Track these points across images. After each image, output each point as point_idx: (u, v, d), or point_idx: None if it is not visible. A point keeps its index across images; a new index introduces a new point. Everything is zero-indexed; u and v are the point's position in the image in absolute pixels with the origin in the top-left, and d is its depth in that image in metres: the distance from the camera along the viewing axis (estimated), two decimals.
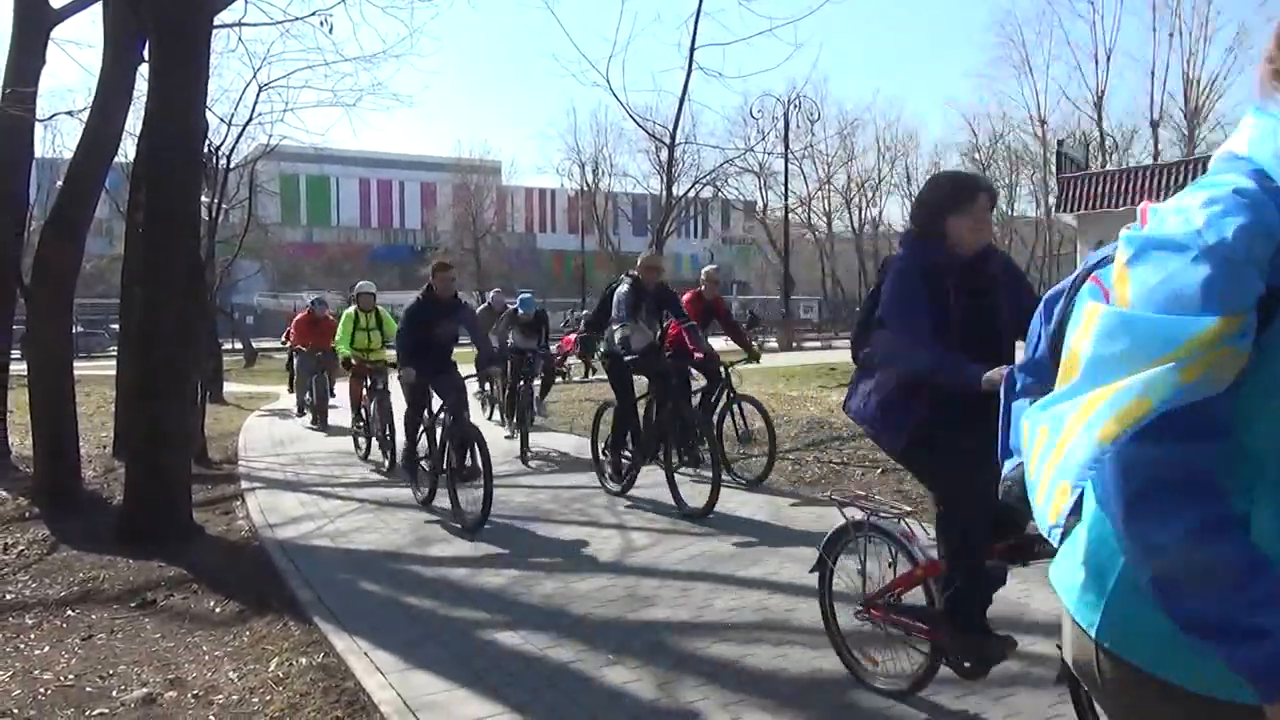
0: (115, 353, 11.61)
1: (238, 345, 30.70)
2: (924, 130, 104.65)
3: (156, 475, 6.26)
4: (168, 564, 5.60)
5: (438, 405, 6.83)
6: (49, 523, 6.76)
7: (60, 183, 8.45)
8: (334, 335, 11.30)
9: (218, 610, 4.78)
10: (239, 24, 10.72)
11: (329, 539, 6.09)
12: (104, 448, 9.80)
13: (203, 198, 10.31)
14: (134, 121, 9.72)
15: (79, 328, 24.85)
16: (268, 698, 3.60)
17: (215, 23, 7.53)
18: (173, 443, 6.33)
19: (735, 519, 6.12)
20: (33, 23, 8.35)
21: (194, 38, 6.31)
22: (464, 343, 7.24)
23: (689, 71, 9.77)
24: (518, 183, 66.58)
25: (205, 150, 9.30)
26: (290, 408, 14.68)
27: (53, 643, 4.42)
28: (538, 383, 10.46)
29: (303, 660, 3.93)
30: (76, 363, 8.70)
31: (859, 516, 3.27)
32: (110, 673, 3.98)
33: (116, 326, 14.19)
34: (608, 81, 9.86)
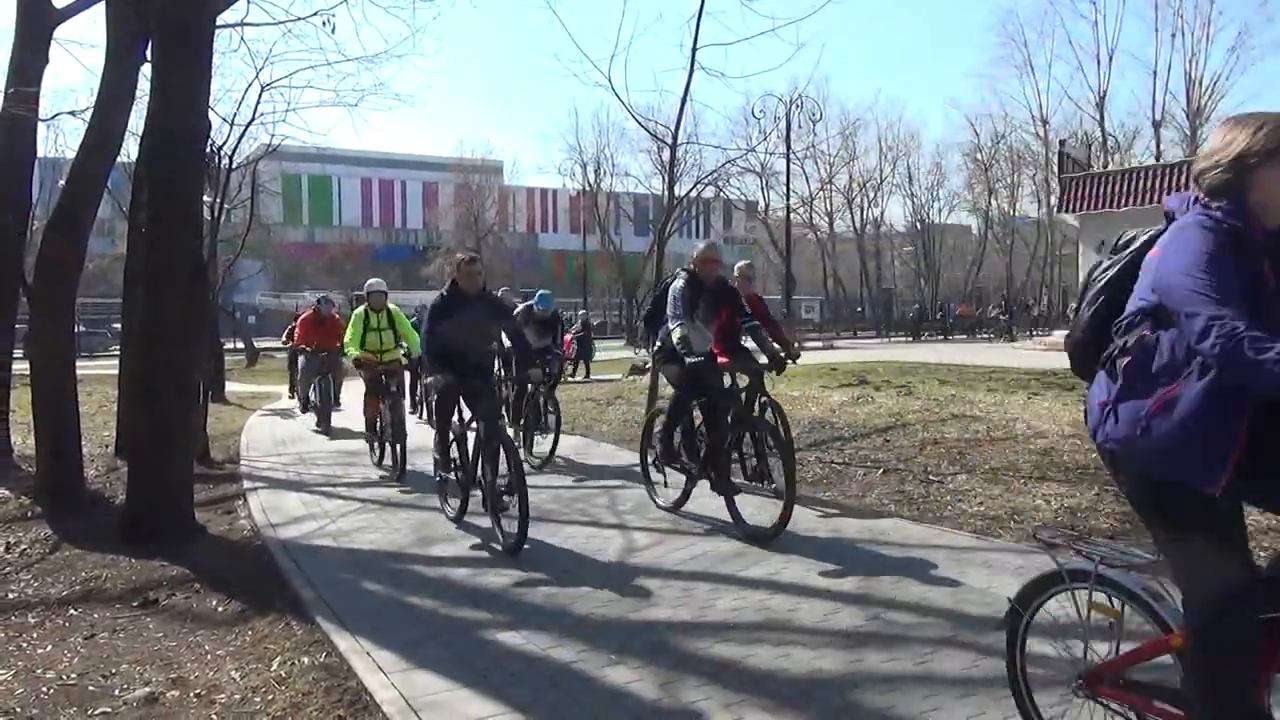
0: (117, 352, 11.62)
1: (239, 345, 30.77)
2: (926, 130, 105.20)
3: (158, 475, 6.27)
4: (170, 563, 5.60)
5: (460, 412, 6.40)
6: (51, 522, 6.76)
7: (63, 182, 8.45)
8: (340, 335, 11.20)
9: (220, 610, 4.78)
10: (241, 24, 10.73)
11: (331, 538, 6.10)
12: (106, 447, 9.81)
13: (205, 197, 10.34)
14: (136, 121, 9.76)
15: (81, 327, 24.91)
16: (270, 697, 3.61)
17: (218, 22, 7.53)
18: (175, 442, 6.33)
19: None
20: (35, 22, 8.35)
21: (196, 37, 6.32)
22: None
23: (691, 71, 9.75)
24: (519, 182, 66.80)
25: (208, 150, 9.29)
26: (292, 408, 14.70)
27: (55, 642, 4.42)
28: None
29: (305, 660, 3.93)
30: (79, 362, 8.69)
31: (1079, 563, 2.54)
32: (112, 672, 3.98)
33: (119, 326, 14.22)
34: (610, 81, 9.87)
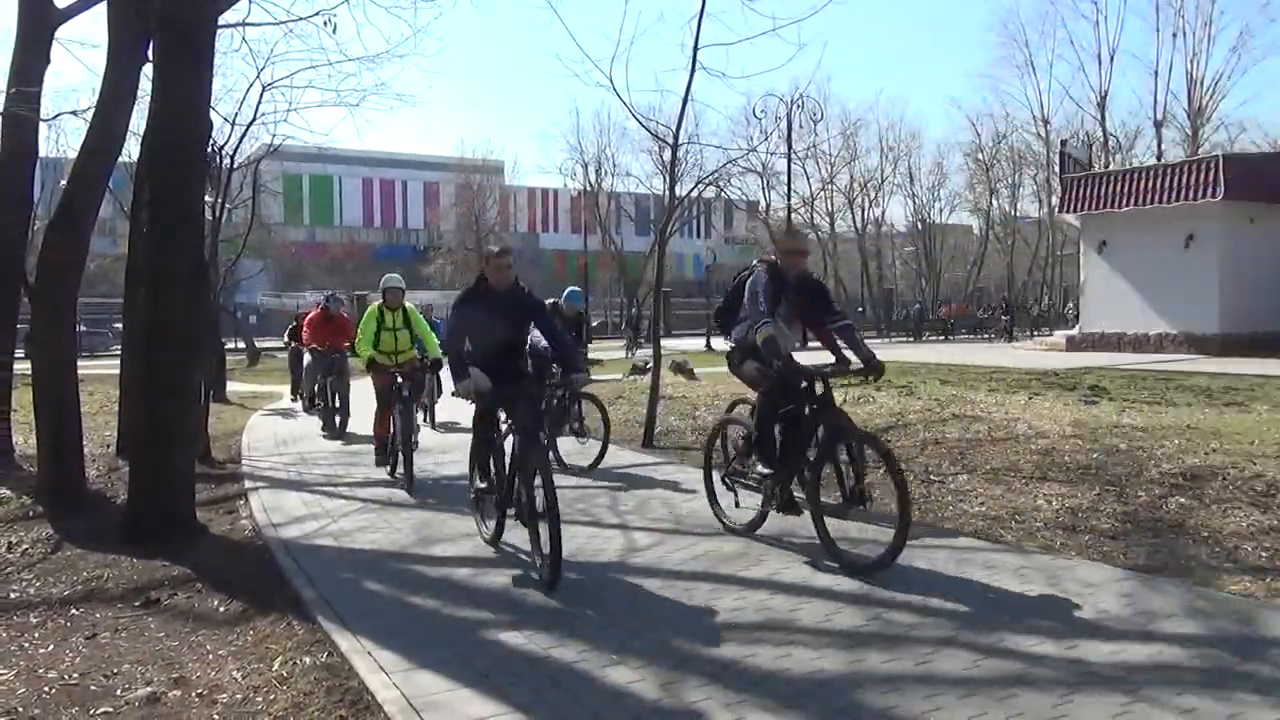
0: (119, 352, 11.61)
1: (241, 344, 30.80)
2: (927, 130, 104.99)
3: (160, 474, 6.27)
4: (171, 563, 5.60)
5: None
6: (53, 522, 6.77)
7: (64, 182, 8.46)
8: (349, 335, 11.06)
9: (221, 609, 4.78)
10: (243, 24, 10.69)
11: (332, 538, 6.10)
12: (108, 447, 9.82)
13: (206, 197, 10.33)
14: (138, 121, 9.75)
15: (82, 327, 24.88)
16: (271, 697, 3.61)
17: (219, 22, 7.52)
18: (176, 442, 6.33)
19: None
20: (37, 22, 8.36)
21: (198, 37, 6.32)
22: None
23: (692, 71, 9.71)
24: (520, 182, 66.91)
25: (209, 150, 9.28)
26: (294, 407, 14.68)
27: (57, 641, 4.43)
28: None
29: (306, 659, 3.94)
30: (80, 362, 8.69)
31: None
32: (114, 672, 3.99)
33: (120, 326, 14.22)
34: (611, 81, 9.81)
